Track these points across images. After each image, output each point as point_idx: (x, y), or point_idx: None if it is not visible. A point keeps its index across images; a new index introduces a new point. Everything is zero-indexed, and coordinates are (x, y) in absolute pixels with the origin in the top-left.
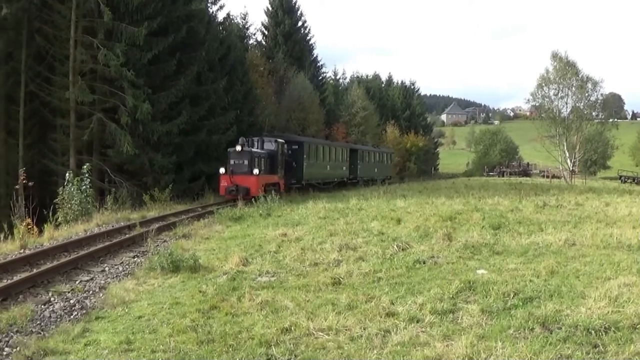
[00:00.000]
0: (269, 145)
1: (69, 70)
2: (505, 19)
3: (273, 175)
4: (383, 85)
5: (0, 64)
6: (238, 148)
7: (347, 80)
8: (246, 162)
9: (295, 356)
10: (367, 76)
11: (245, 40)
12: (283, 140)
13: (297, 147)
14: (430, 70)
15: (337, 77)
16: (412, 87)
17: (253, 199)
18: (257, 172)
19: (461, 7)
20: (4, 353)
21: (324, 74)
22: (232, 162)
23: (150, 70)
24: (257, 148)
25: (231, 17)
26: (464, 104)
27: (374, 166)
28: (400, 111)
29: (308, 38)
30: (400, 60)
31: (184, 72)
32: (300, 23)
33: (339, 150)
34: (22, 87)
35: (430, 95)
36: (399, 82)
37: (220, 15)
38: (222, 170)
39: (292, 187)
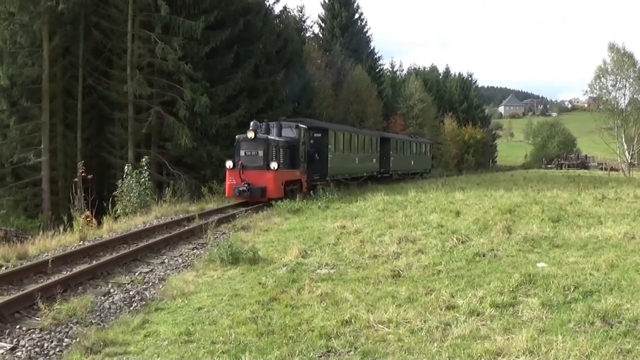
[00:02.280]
0: (289, 132)
1: (127, 64)
2: (564, 8)
3: (294, 170)
4: (440, 77)
5: (58, 58)
6: (250, 134)
7: (405, 72)
8: (261, 153)
9: (355, 348)
10: (424, 68)
11: (302, 33)
12: (305, 126)
13: (320, 134)
14: (487, 62)
15: (395, 70)
16: (470, 78)
17: (270, 202)
18: (275, 167)
19: None
20: (64, 344)
21: (381, 66)
22: (242, 153)
23: (208, 63)
24: (275, 135)
25: (287, 9)
26: (521, 96)
27: (410, 158)
28: (458, 103)
29: (365, 30)
30: (457, 52)
31: (241, 65)
32: (357, 15)
33: (368, 139)
34: (80, 81)
35: (488, 87)
36: (457, 73)
37: (277, 8)
38: (229, 164)
39: (315, 185)
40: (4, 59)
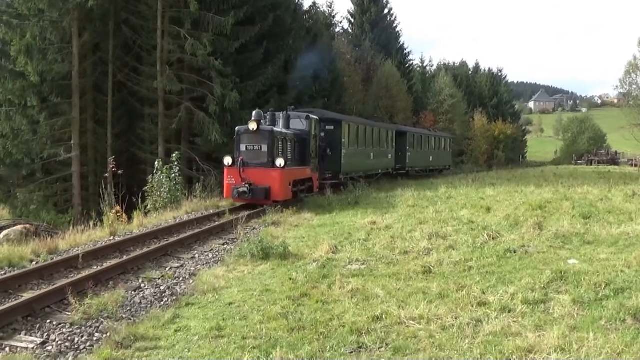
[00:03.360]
0: (298, 124)
1: (157, 60)
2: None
3: (304, 168)
4: (470, 72)
5: (88, 54)
6: (252, 126)
7: (434, 67)
8: (265, 147)
9: (387, 345)
10: (454, 63)
11: (332, 29)
12: (317, 117)
13: (332, 127)
14: (517, 57)
15: (424, 65)
16: (500, 74)
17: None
18: (282, 164)
19: None
20: (95, 338)
21: (411, 62)
22: (243, 147)
23: (238, 59)
24: (281, 127)
25: (317, 5)
26: (551, 91)
27: (429, 154)
28: (488, 99)
29: (394, 25)
30: (487, 47)
31: (271, 60)
32: (386, 10)
33: (384, 133)
34: (110, 77)
35: (518, 82)
36: (486, 69)
37: (306, 4)
38: (227, 160)
39: (327, 184)
40: (34, 55)
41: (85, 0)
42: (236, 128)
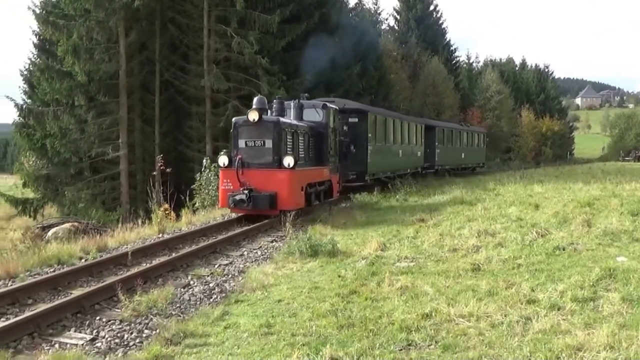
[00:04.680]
0: (313, 114)
1: (204, 59)
2: None
3: (321, 168)
4: (517, 68)
5: (135, 54)
6: (253, 116)
7: (481, 64)
8: (269, 143)
9: (436, 342)
10: (500, 60)
11: (378, 26)
12: (336, 107)
13: (356, 119)
14: (564, 53)
15: (471, 61)
16: (546, 70)
17: (284, 214)
18: (291, 163)
19: None
20: (144, 335)
21: (457, 58)
22: (242, 143)
23: (284, 57)
24: (291, 117)
25: (362, 2)
26: (598, 87)
27: (460, 151)
28: (535, 95)
29: (440, 22)
30: (533, 43)
31: (317, 58)
32: (432, 7)
33: (412, 128)
34: (157, 76)
35: (564, 78)
36: (533, 65)
37: (352, 1)
38: (222, 160)
39: (351, 187)
40: (81, 55)
41: (132, 0)
42: (233, 119)
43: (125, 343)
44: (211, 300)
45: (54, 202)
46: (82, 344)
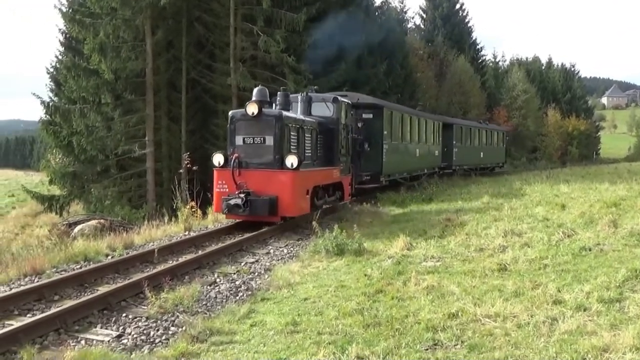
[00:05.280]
0: (322, 109)
1: (230, 57)
2: None
3: (330, 169)
4: (543, 67)
5: (162, 52)
6: (252, 109)
7: (507, 62)
8: (269, 140)
9: (462, 342)
10: (526, 58)
11: (404, 24)
12: (348, 101)
13: (371, 115)
14: (590, 52)
15: (497, 60)
16: (572, 69)
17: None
18: (294, 164)
19: None
20: (170, 332)
21: (484, 57)
22: (239, 140)
23: (311, 55)
24: (298, 112)
25: (388, 1)
26: (624, 87)
27: (478, 150)
28: (561, 94)
29: (467, 21)
30: (559, 42)
31: (344, 57)
32: (457, 5)
33: (430, 125)
34: (183, 74)
35: (590, 77)
36: (559, 64)
37: (378, 0)
38: (217, 159)
39: (364, 188)
40: (107, 53)
41: None
42: (229, 113)
43: (152, 340)
44: (237, 298)
45: (80, 199)
46: (108, 341)
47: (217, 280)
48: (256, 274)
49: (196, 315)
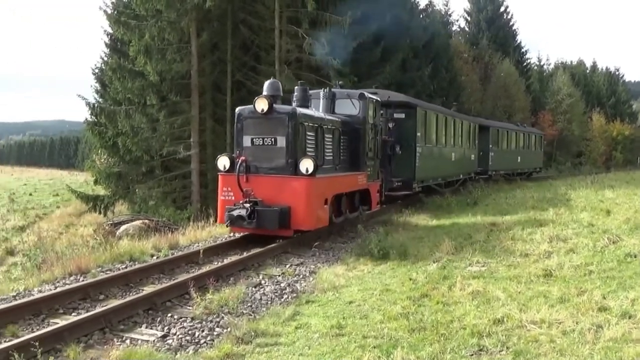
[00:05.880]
0: (347, 106)
1: (275, 60)
2: None
3: (354, 174)
4: (587, 71)
5: (207, 54)
6: (261, 105)
7: (552, 66)
8: (281, 141)
9: (507, 348)
10: (571, 62)
11: (448, 27)
12: (377, 99)
13: (402, 115)
14: (634, 56)
15: (542, 63)
16: (617, 73)
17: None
18: (310, 169)
19: None
20: (215, 333)
21: (528, 60)
22: (247, 141)
23: (356, 58)
24: (319, 109)
25: (433, 4)
26: None
27: (516, 154)
28: (606, 98)
29: (511, 23)
30: (604, 45)
31: (388, 59)
32: (502, 8)
33: (465, 127)
34: (228, 76)
35: (635, 81)
36: (604, 68)
37: (422, 2)
38: (222, 162)
39: (394, 196)
40: (153, 55)
41: (203, 1)
42: (236, 109)
43: (197, 340)
44: (282, 300)
45: (125, 200)
46: (153, 340)
47: (262, 282)
48: (301, 276)
49: (241, 316)
